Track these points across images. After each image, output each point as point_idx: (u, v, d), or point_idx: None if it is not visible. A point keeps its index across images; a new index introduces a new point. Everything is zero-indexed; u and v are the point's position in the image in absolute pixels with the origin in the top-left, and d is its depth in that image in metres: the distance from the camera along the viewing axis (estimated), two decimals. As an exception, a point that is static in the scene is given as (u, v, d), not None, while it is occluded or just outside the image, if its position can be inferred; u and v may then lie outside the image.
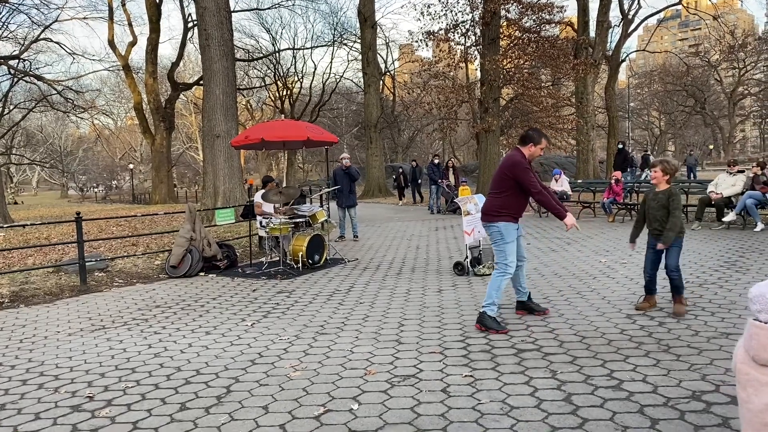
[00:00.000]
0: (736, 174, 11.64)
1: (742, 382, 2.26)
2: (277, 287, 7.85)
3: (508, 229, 5.34)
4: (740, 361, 2.28)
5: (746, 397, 2.25)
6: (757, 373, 2.21)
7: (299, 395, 3.98)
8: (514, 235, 5.38)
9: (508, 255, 5.33)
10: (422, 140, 56.76)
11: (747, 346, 2.26)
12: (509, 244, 5.34)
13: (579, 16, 26.54)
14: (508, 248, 5.34)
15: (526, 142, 5.44)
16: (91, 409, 3.90)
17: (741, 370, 2.27)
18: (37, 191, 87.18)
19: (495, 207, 5.38)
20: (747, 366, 2.25)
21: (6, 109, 41.24)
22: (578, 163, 27.30)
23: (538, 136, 5.46)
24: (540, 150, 5.45)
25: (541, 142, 5.44)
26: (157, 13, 35.24)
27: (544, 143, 5.47)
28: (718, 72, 58.35)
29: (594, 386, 3.89)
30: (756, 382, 2.20)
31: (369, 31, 30.81)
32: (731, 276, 7.05)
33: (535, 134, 5.47)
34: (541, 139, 5.46)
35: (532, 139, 5.43)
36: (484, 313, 5.28)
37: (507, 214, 5.35)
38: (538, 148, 5.43)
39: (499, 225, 5.34)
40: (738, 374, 2.29)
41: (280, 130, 10.52)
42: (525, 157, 5.39)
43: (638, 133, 74.23)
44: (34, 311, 7.07)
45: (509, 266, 5.33)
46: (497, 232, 5.36)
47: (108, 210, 33.36)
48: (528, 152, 5.42)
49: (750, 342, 2.24)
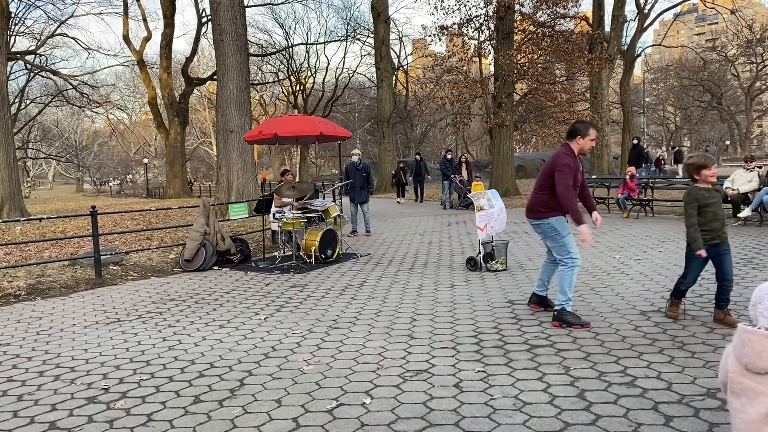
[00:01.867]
0: (752, 170, 11.50)
1: (735, 391, 2.20)
2: (290, 281, 7.88)
3: (560, 222, 5.24)
4: (732, 371, 2.22)
5: (740, 406, 2.19)
6: (752, 381, 2.15)
7: (312, 389, 4.00)
8: (567, 226, 5.27)
9: (570, 248, 5.20)
10: (435, 135, 56.63)
11: (739, 354, 2.19)
12: (566, 237, 5.22)
13: (594, 11, 26.30)
14: (566, 241, 5.21)
15: (573, 136, 5.24)
16: (106, 401, 3.94)
17: (733, 379, 2.21)
18: (53, 185, 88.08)
19: (541, 203, 5.28)
20: (739, 375, 2.19)
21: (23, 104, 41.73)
22: (593, 159, 27.10)
23: (584, 127, 5.21)
24: (590, 142, 5.20)
25: (588, 133, 5.19)
26: (172, 8, 35.41)
27: (592, 134, 5.20)
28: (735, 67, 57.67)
29: (608, 383, 3.87)
30: (751, 391, 2.15)
31: (382, 26, 30.75)
32: (747, 273, 6.98)
33: (581, 126, 5.23)
34: (589, 130, 5.20)
35: (579, 132, 5.21)
36: (563, 309, 5.16)
37: (554, 210, 5.24)
38: (588, 140, 5.19)
39: (550, 221, 5.24)
40: (730, 383, 2.23)
41: (293, 125, 10.55)
42: (572, 153, 5.20)
43: (653, 128, 73.53)
44: (51, 304, 7.15)
45: (574, 258, 5.20)
46: (550, 228, 5.25)
47: (122, 204, 33.65)
48: (576, 147, 5.23)
49: (743, 350, 2.17)
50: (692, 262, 4.92)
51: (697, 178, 4.81)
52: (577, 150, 5.24)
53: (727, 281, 4.88)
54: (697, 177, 4.81)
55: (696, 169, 4.81)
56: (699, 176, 4.80)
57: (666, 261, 8.03)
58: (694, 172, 4.82)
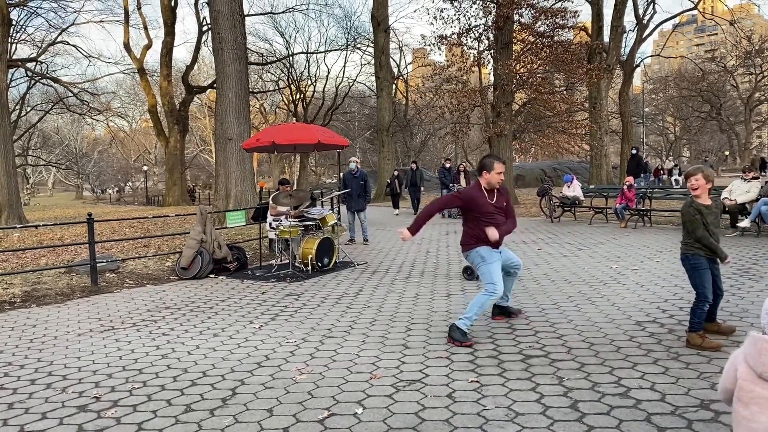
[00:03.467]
0: (750, 180, 11.51)
1: (745, 399, 2.19)
2: (286, 290, 7.86)
3: (486, 251, 5.26)
4: (744, 379, 2.21)
5: (749, 415, 2.18)
6: (765, 390, 2.15)
7: (304, 398, 3.98)
8: (493, 255, 5.25)
9: (494, 276, 5.17)
10: (434, 144, 56.68)
11: (753, 363, 2.19)
12: (490, 265, 5.20)
13: (593, 21, 26.39)
14: (490, 269, 5.20)
15: (480, 171, 5.38)
16: (97, 410, 3.92)
17: (744, 387, 2.20)
18: (53, 192, 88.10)
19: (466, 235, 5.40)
20: (751, 383, 2.18)
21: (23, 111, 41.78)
22: (591, 168, 27.12)
23: (490, 162, 5.30)
24: (497, 176, 5.26)
25: (494, 167, 5.25)
26: (172, 16, 35.55)
27: (498, 167, 5.26)
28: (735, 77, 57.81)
29: (601, 393, 3.85)
30: (762, 399, 2.14)
31: (382, 36, 30.87)
32: (744, 284, 6.97)
33: (487, 161, 5.32)
34: (494, 164, 5.27)
35: (484, 166, 5.32)
36: (458, 327, 5.08)
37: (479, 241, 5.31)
38: (494, 173, 5.25)
39: (479, 250, 5.29)
40: (739, 391, 2.22)
41: (291, 133, 10.56)
42: (478, 187, 5.32)
43: (653, 138, 73.64)
44: (45, 311, 7.13)
45: (496, 288, 5.13)
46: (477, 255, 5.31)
47: (121, 211, 33.65)
48: (484, 181, 5.33)
49: (759, 358, 2.17)
50: (703, 278, 4.69)
51: (688, 185, 4.82)
52: (485, 184, 5.33)
53: (721, 293, 4.89)
54: (688, 184, 4.81)
55: (686, 177, 4.82)
56: (689, 183, 4.80)
57: (663, 271, 8.02)
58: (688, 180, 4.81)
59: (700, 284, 4.68)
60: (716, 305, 4.90)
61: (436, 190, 27.71)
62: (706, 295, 4.66)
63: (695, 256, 4.70)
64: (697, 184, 4.70)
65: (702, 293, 4.67)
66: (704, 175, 4.68)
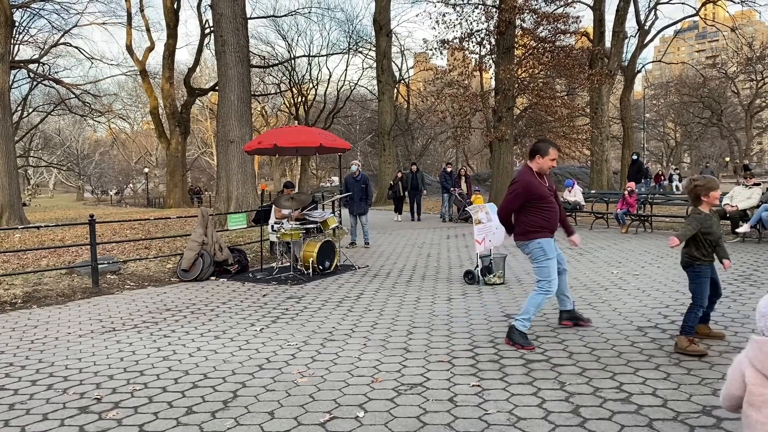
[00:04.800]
0: (751, 187, 11.52)
1: (756, 403, 2.19)
2: (287, 293, 7.86)
3: (548, 243, 5.20)
4: (753, 383, 2.21)
5: (764, 418, 2.18)
6: None
7: (305, 401, 3.97)
8: (554, 249, 5.22)
9: (551, 273, 5.14)
10: (435, 148, 56.71)
11: (761, 366, 2.18)
12: (551, 260, 5.14)
13: (595, 27, 26.43)
14: (549, 264, 5.15)
15: (533, 155, 5.25)
16: (98, 411, 3.92)
17: (754, 391, 2.20)
18: (54, 193, 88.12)
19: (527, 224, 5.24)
20: (761, 386, 2.18)
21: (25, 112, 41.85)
22: (592, 174, 27.13)
23: (545, 147, 5.20)
24: (550, 161, 5.17)
25: (549, 152, 5.16)
26: (175, 19, 35.62)
27: (553, 153, 5.17)
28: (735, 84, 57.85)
29: (603, 398, 3.85)
30: None
31: (384, 40, 30.92)
32: (745, 290, 6.96)
33: (542, 145, 5.22)
34: (549, 149, 5.18)
35: (538, 150, 5.20)
36: (516, 328, 5.04)
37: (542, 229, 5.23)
38: (547, 159, 5.16)
39: (540, 241, 5.19)
40: (749, 396, 2.22)
41: (292, 136, 10.57)
42: (531, 173, 5.19)
43: (653, 144, 73.66)
44: (47, 312, 7.13)
45: (551, 286, 5.11)
46: (538, 248, 5.21)
47: (122, 213, 33.65)
48: (536, 166, 5.21)
49: (766, 362, 2.17)
50: (703, 287, 4.71)
51: (705, 200, 4.76)
52: (536, 169, 5.21)
53: (719, 295, 4.95)
54: (705, 199, 4.76)
55: (707, 191, 4.71)
56: (708, 198, 4.75)
57: (664, 277, 8.01)
58: (704, 193, 4.75)
59: (699, 292, 4.72)
60: (712, 308, 4.94)
61: (437, 194, 27.70)
62: (702, 303, 4.72)
63: (700, 265, 4.72)
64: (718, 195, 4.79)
65: (699, 300, 4.70)
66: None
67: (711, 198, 4.75)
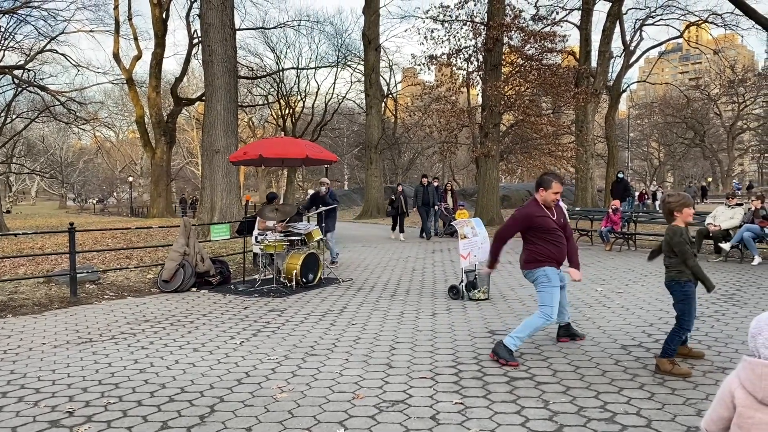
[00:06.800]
0: (734, 207, 11.62)
1: (746, 426, 2.14)
2: (269, 305, 7.75)
3: (552, 272, 5.19)
4: (742, 405, 2.16)
5: None
6: (765, 415, 2.10)
7: (284, 417, 3.88)
8: (557, 278, 5.20)
9: (553, 301, 5.11)
10: (422, 162, 56.89)
11: (753, 388, 2.14)
12: (555, 288, 5.13)
13: (581, 46, 26.75)
14: (552, 291, 5.13)
15: (537, 188, 5.30)
16: (69, 425, 3.79)
17: (743, 414, 2.15)
18: (36, 201, 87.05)
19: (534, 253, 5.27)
20: (751, 409, 2.13)
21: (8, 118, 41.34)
22: (577, 191, 27.31)
23: (548, 180, 5.24)
24: (553, 195, 5.20)
25: (551, 186, 5.20)
26: (163, 28, 35.52)
27: (556, 187, 5.20)
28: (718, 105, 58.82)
29: (587, 418, 3.80)
30: (764, 425, 2.09)
31: (373, 54, 31.02)
32: (728, 309, 6.97)
33: (546, 178, 5.26)
34: (552, 183, 5.20)
35: (541, 183, 5.25)
36: (505, 344, 5.00)
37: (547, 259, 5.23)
38: (550, 192, 5.20)
39: (545, 269, 5.19)
40: (738, 418, 2.17)
41: (278, 147, 10.51)
42: (536, 204, 5.25)
43: (637, 163, 74.50)
44: (21, 321, 6.96)
45: (552, 313, 5.08)
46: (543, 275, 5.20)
47: (105, 222, 33.27)
48: (540, 198, 5.26)
49: (759, 383, 2.11)
50: (690, 307, 4.69)
51: (678, 215, 4.80)
52: (541, 201, 5.26)
53: (695, 315, 4.90)
54: (678, 215, 4.80)
55: (680, 207, 4.76)
56: (681, 214, 4.80)
57: (648, 295, 8.02)
58: (677, 209, 4.78)
59: (687, 312, 4.68)
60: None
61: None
62: (689, 327, 4.70)
63: (688, 283, 4.71)
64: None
65: (685, 322, 4.67)
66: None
67: (684, 214, 4.78)
